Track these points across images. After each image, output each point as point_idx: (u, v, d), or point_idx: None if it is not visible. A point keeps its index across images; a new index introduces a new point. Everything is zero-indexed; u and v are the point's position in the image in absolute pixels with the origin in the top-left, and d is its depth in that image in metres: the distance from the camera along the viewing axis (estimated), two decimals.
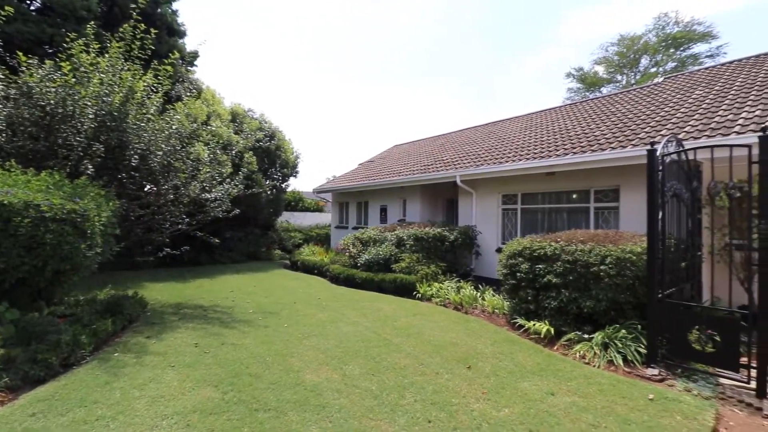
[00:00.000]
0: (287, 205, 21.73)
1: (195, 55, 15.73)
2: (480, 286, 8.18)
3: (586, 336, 5.01)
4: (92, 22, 7.75)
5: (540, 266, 5.76)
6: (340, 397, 3.57)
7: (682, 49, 25.51)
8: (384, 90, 64.56)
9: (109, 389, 3.67)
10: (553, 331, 5.37)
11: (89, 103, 6.42)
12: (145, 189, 7.78)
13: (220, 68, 56.33)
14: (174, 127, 7.45)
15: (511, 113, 15.30)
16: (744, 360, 3.87)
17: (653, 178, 4.43)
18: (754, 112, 6.22)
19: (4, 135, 6.24)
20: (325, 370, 4.26)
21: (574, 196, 8.29)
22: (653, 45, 26.53)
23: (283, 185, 16.59)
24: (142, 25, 7.29)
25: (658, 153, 4.48)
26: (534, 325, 5.55)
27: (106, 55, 7.03)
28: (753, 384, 3.72)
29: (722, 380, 3.99)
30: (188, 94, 10.32)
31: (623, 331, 4.75)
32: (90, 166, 6.19)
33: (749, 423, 3.27)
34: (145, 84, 7.33)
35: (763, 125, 3.95)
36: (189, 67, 15.54)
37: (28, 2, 11.82)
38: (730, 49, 24.12)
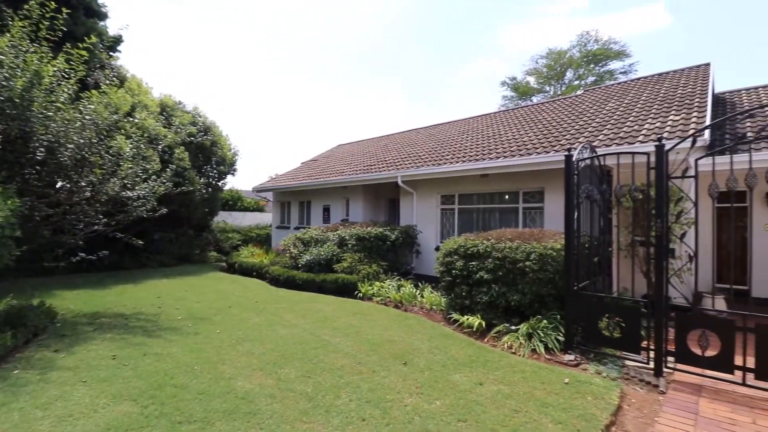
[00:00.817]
0: (225, 205, 20.67)
1: (118, 40, 14.35)
2: (420, 284, 8.41)
3: (513, 328, 5.36)
4: None
5: (473, 263, 6.05)
6: (273, 403, 3.46)
7: (600, 65, 28.23)
8: (330, 89, 63.96)
9: (6, 411, 3.24)
10: (484, 324, 5.68)
11: None
12: (57, 186, 6.96)
13: (153, 58, 52.07)
14: (88, 117, 6.74)
15: (452, 117, 15.93)
16: (645, 343, 4.37)
17: (570, 181, 4.86)
18: (654, 124, 7.06)
19: None
20: (258, 376, 4.12)
21: (506, 197, 8.82)
22: (577, 60, 29.06)
23: (220, 183, 15.75)
24: (53, 3, 6.50)
25: (574, 158, 4.91)
26: (467, 319, 5.82)
27: (7, 35, 6.17)
28: (651, 364, 4.22)
29: (627, 362, 4.47)
30: (109, 81, 9.37)
31: (545, 321, 5.15)
32: None
33: (647, 399, 3.70)
34: (55, 69, 6.54)
35: (659, 136, 4.48)
36: (111, 53, 14.15)
37: None
38: (640, 67, 27.22)
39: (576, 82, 28.88)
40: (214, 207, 15.88)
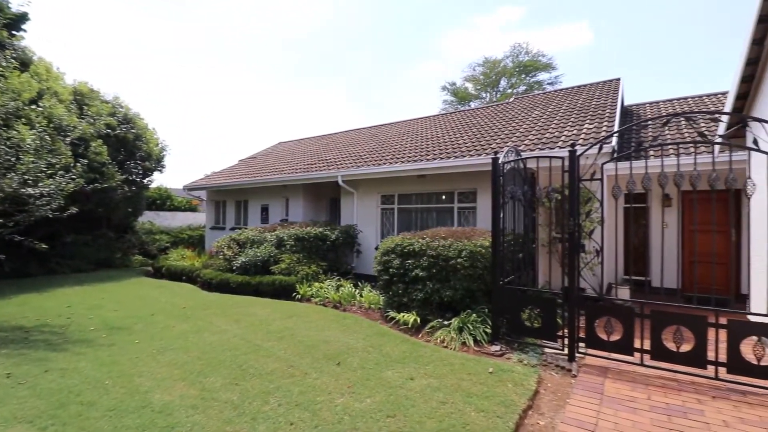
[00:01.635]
0: (152, 204, 19.13)
1: (22, 18, 12.63)
2: (360, 283, 8.43)
3: (445, 323, 5.56)
4: None
5: (409, 261, 6.19)
6: (194, 414, 3.26)
7: (530, 75, 30.35)
8: (274, 87, 61.77)
9: None
10: (419, 321, 5.83)
11: None
12: None
13: (78, 49, 46.41)
14: None
15: (394, 118, 16.14)
16: (561, 332, 4.74)
17: (496, 182, 5.15)
18: (572, 131, 7.72)
19: None
20: (180, 387, 3.85)
21: (443, 197, 9.13)
22: (510, 69, 30.95)
23: (145, 181, 14.52)
24: None
25: (500, 161, 5.22)
26: (403, 316, 5.94)
27: None
28: (566, 350, 4.60)
29: (546, 350, 4.83)
30: (6, 63, 8.21)
31: (474, 315, 5.41)
32: None
33: (561, 382, 4.02)
34: None
35: (572, 142, 4.91)
36: (13, 32, 12.42)
37: None
38: (564, 78, 29.58)
39: (509, 90, 30.73)
40: (138, 206, 14.62)
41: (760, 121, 3.74)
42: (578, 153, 4.59)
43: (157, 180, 33.45)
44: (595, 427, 3.07)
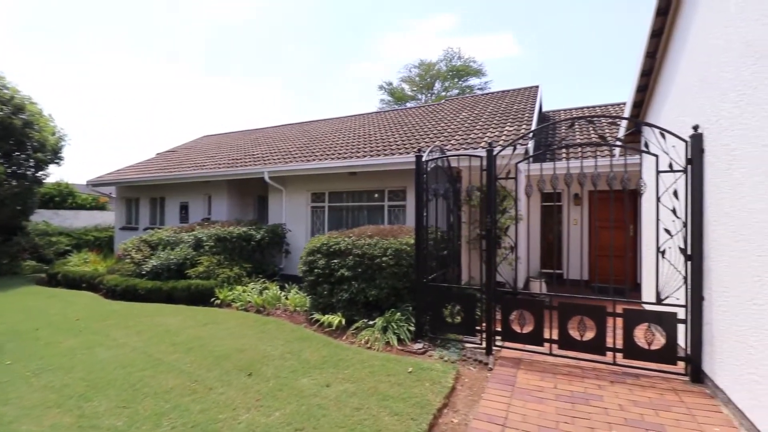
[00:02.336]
0: (49, 201, 16.79)
1: None
2: (287, 285, 8.03)
3: (370, 323, 5.43)
4: None
5: (335, 261, 5.97)
6: None
7: (463, 79, 31.66)
8: (202, 79, 57.54)
9: None
10: (344, 322, 5.64)
11: None
12: None
13: None
14: None
15: (329, 116, 15.77)
16: (480, 327, 4.84)
17: (420, 180, 5.13)
18: (495, 132, 8.04)
19: None
20: (53, 414, 3.27)
21: (374, 195, 9.04)
22: (443, 73, 32.01)
23: (39, 174, 12.61)
24: None
25: (423, 159, 5.21)
26: (328, 318, 5.72)
27: None
28: (484, 344, 4.70)
29: (467, 345, 4.91)
30: None
31: (398, 314, 5.35)
32: None
33: (478, 377, 4.08)
34: None
35: (490, 142, 5.04)
36: None
37: None
38: (493, 84, 31.28)
39: (443, 93, 31.75)
40: (29, 204, 12.65)
41: (650, 125, 4.10)
42: (495, 153, 4.71)
43: (56, 174, 29.61)
44: (505, 421, 3.11)
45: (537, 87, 11.75)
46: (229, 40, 51.36)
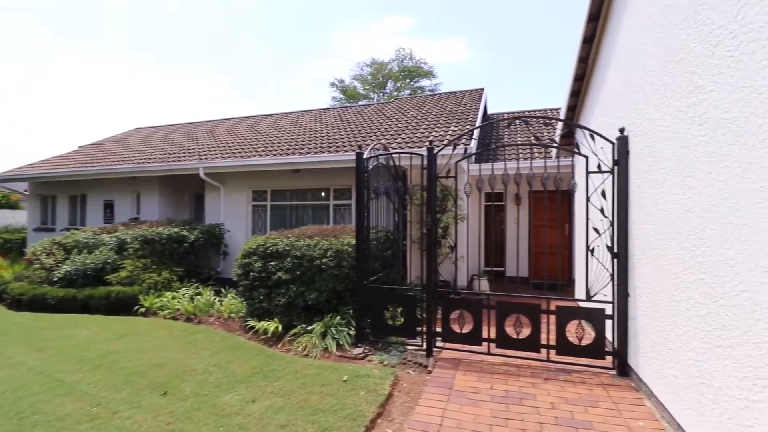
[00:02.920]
0: None
1: None
2: (224, 290, 7.48)
3: (309, 328, 5.15)
4: None
5: (272, 263, 5.61)
6: None
7: (414, 80, 32.01)
8: (141, 70, 53.14)
9: None
10: (281, 328, 5.30)
11: None
12: None
13: None
14: None
15: (276, 111, 15.10)
16: (421, 328, 4.73)
17: (360, 178, 4.92)
18: (440, 132, 8.05)
19: None
20: None
21: (318, 194, 8.72)
22: (395, 73, 32.16)
23: None
24: None
25: (364, 156, 5.01)
26: (263, 325, 5.35)
27: None
28: (425, 346, 4.59)
29: (409, 347, 4.78)
30: None
31: (338, 318, 5.11)
32: None
33: (417, 381, 3.95)
34: None
35: (430, 140, 4.95)
36: None
37: None
38: (444, 87, 31.95)
39: (395, 93, 31.90)
40: None
41: (580, 127, 4.21)
42: (435, 151, 4.63)
43: None
44: (440, 428, 2.99)
45: (482, 90, 12.04)
46: (177, 31, 48.09)
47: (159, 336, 5.43)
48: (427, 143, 7.24)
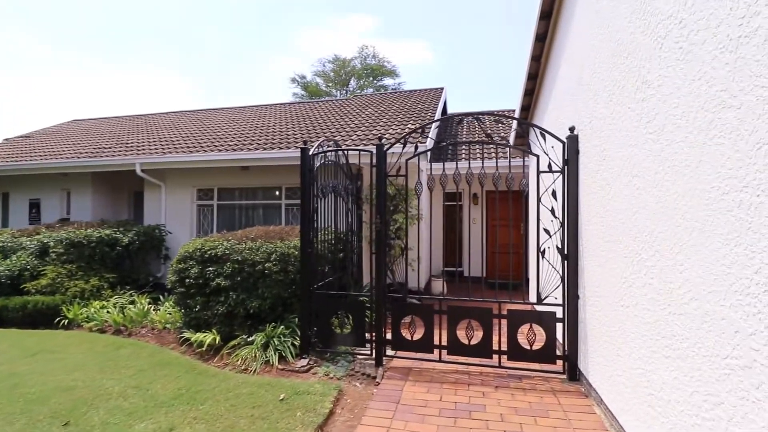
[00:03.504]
0: None
1: None
2: (162, 297, 6.86)
3: (249, 339, 4.73)
4: None
5: (211, 269, 5.11)
6: None
7: (377, 79, 31.77)
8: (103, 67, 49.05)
9: None
10: (219, 340, 4.84)
11: None
12: None
13: None
14: None
15: (232, 105, 14.27)
16: (370, 336, 4.44)
17: (305, 175, 4.57)
18: (397, 129, 7.81)
19: None
20: None
21: (270, 192, 8.24)
22: (359, 71, 31.77)
23: None
24: None
25: (311, 152, 4.66)
26: (199, 337, 4.86)
27: None
28: (374, 354, 4.31)
29: (358, 356, 4.49)
30: None
31: (282, 327, 4.73)
32: None
33: (363, 394, 3.66)
34: None
35: (379, 135, 4.68)
36: None
37: None
38: (406, 86, 31.95)
39: (358, 91, 31.52)
40: None
41: (531, 125, 4.09)
42: (385, 148, 4.36)
43: None
44: None
45: (442, 89, 11.96)
46: (131, 24, 44.87)
47: (77, 352, 4.80)
48: (383, 140, 6.99)
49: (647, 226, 2.34)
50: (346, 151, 5.17)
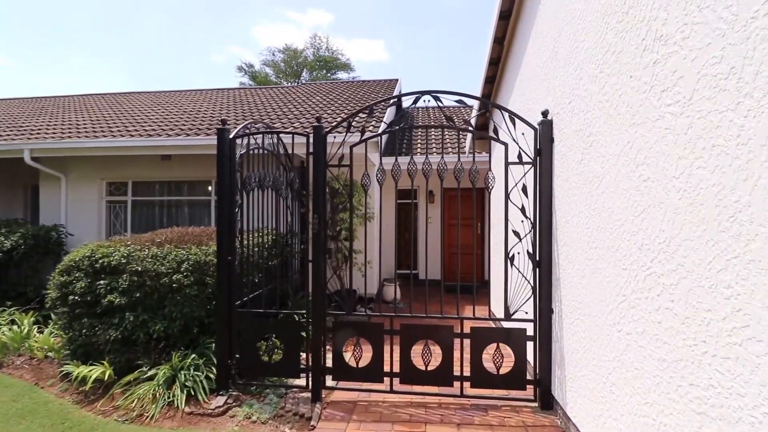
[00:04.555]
0: None
1: None
2: (55, 315, 5.52)
3: (151, 372, 3.70)
4: None
5: (103, 282, 4.00)
6: None
7: (331, 72, 30.58)
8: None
9: None
10: (111, 374, 3.77)
11: None
12: None
13: None
14: None
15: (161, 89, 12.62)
16: (306, 364, 3.62)
17: (223, 163, 3.64)
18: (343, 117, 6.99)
19: None
20: None
21: (200, 187, 7.09)
22: (311, 62, 30.41)
23: None
24: None
25: (232, 136, 3.74)
26: (83, 371, 3.75)
27: None
28: (311, 386, 3.49)
29: (292, 389, 3.64)
30: None
31: (194, 355, 3.76)
32: None
33: None
34: None
35: (317, 116, 3.87)
36: None
37: None
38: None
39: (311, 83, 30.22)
40: None
41: (499, 107, 3.47)
42: (324, 130, 3.56)
43: None
44: None
45: (397, 80, 11.31)
46: (64, 10, 39.60)
47: None
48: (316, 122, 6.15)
49: (663, 231, 1.74)
50: (278, 135, 4.27)
